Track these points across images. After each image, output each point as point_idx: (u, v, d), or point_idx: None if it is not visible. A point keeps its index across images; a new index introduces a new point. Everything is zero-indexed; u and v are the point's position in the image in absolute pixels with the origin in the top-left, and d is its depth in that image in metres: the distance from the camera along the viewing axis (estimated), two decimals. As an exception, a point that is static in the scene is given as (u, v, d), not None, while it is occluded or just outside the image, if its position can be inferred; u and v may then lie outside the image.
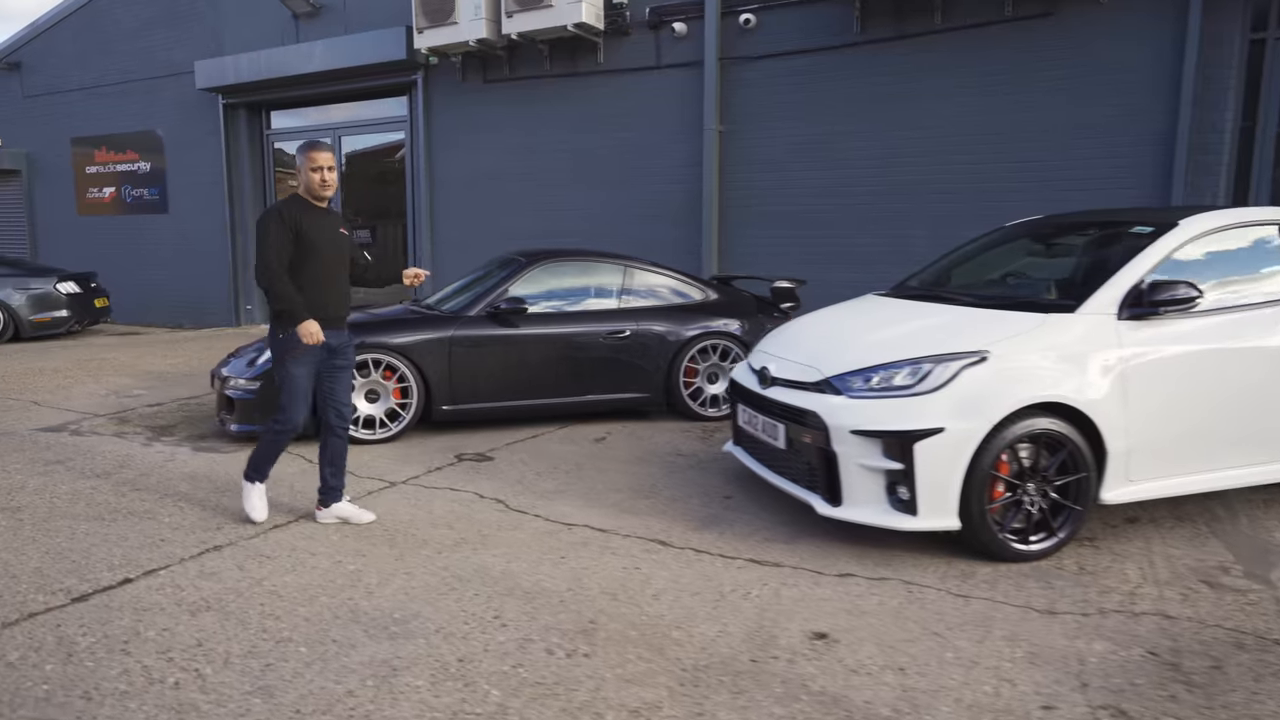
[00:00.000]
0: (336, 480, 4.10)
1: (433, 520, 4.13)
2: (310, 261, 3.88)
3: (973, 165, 7.21)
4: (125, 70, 12.94)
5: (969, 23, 7.02)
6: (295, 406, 3.93)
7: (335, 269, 3.98)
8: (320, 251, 3.90)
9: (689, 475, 4.89)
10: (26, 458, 5.27)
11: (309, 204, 3.93)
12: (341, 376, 4.09)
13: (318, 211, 3.94)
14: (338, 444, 4.09)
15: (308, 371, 3.94)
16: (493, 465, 5.14)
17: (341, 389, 4.09)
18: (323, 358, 3.98)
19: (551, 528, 4.02)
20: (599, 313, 6.16)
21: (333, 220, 4.04)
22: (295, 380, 3.91)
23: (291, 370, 3.90)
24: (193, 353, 9.81)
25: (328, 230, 3.95)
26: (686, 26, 8.30)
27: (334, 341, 3.99)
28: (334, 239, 3.97)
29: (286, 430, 3.98)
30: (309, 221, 3.87)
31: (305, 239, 3.85)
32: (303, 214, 3.87)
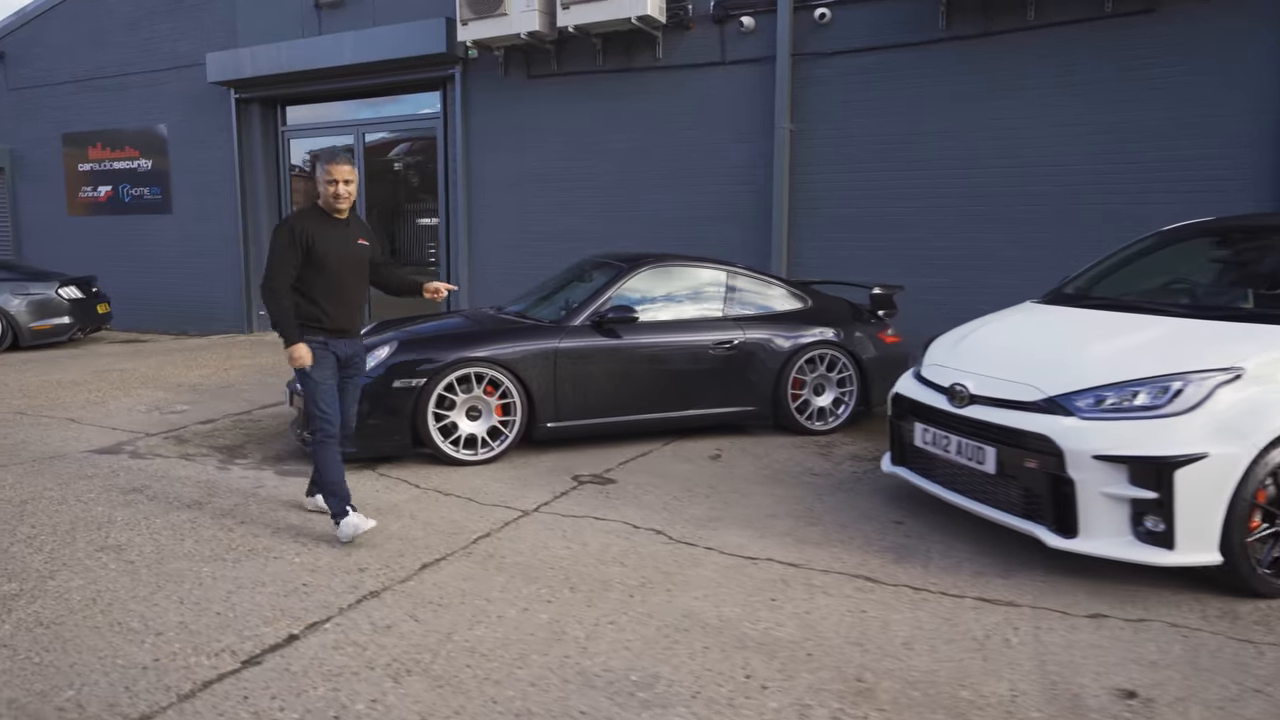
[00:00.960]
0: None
1: (597, 556, 3.74)
2: (323, 275, 3.83)
3: (1062, 168, 6.98)
4: (124, 62, 12.24)
5: (1064, 20, 6.79)
6: (328, 410, 3.89)
7: (350, 281, 3.92)
8: (333, 266, 3.83)
9: (840, 498, 4.56)
10: (98, 485, 4.76)
11: (325, 215, 3.88)
12: (349, 386, 4.06)
13: (334, 223, 3.88)
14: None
15: (331, 374, 3.92)
16: (618, 488, 4.75)
17: (347, 401, 4.07)
18: (337, 366, 3.96)
19: (734, 562, 3.66)
20: (704, 321, 5.80)
21: (352, 231, 3.94)
22: (321, 385, 3.87)
23: (314, 376, 3.86)
24: (215, 362, 9.23)
25: (345, 242, 3.88)
26: (755, 21, 7.97)
27: (345, 352, 3.96)
28: (350, 251, 3.91)
29: (331, 435, 3.92)
30: (323, 234, 3.81)
31: (317, 253, 3.79)
32: (317, 227, 3.82)
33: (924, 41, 7.37)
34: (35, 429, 6.15)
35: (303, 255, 3.78)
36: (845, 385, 6.04)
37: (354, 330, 4.01)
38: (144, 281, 12.52)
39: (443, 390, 5.04)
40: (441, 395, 5.04)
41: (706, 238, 8.36)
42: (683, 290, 5.92)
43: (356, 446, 4.99)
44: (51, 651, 2.87)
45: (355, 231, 3.98)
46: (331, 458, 3.91)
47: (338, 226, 3.89)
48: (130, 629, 3.04)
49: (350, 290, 3.94)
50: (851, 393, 6.05)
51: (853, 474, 5.03)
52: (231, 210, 11.57)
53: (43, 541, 3.89)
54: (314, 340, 3.86)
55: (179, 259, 12.24)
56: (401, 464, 5.16)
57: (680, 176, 8.59)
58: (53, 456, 5.41)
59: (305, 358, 3.79)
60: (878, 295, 6.43)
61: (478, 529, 4.08)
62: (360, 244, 3.97)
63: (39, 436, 5.92)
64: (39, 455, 5.43)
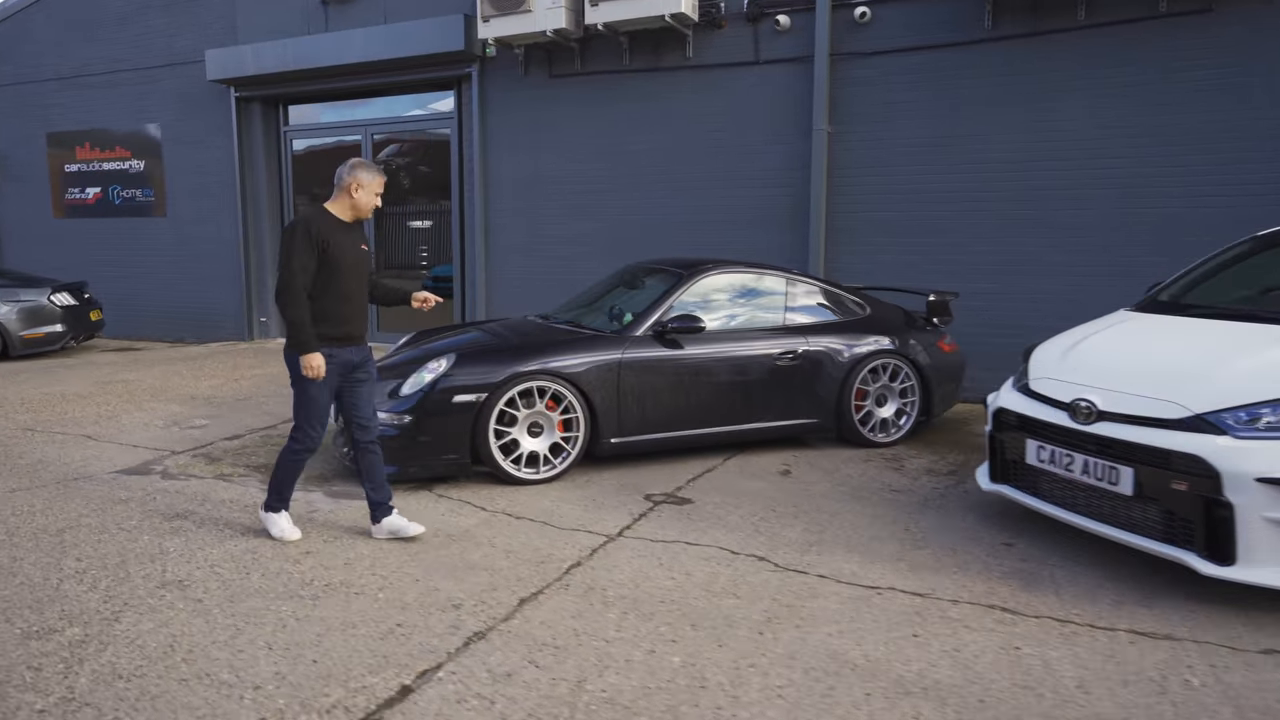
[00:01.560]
0: (379, 495, 4.00)
1: (705, 587, 3.48)
2: (335, 280, 3.77)
3: (1111, 171, 6.84)
4: (114, 59, 11.76)
5: (1116, 19, 6.65)
6: (315, 425, 3.85)
7: (358, 286, 3.89)
8: (344, 270, 3.79)
9: (934, 517, 4.34)
10: (136, 511, 4.41)
11: (337, 219, 3.83)
12: (361, 390, 3.98)
13: (346, 227, 3.85)
14: (370, 459, 3.99)
15: (327, 388, 3.83)
16: (697, 509, 4.50)
17: (363, 402, 3.99)
18: (342, 375, 3.89)
19: (855, 592, 3.42)
20: (766, 330, 5.57)
21: (357, 237, 3.92)
22: (313, 400, 3.81)
23: (309, 390, 3.78)
24: (223, 372, 8.84)
25: (354, 247, 3.85)
26: (790, 20, 7.75)
27: (354, 358, 3.90)
28: (358, 256, 3.87)
29: (307, 449, 3.89)
30: (336, 239, 3.77)
31: (331, 257, 3.74)
32: (331, 229, 3.77)
33: (969, 41, 7.19)
34: (51, 447, 5.76)
35: (318, 258, 3.71)
36: (907, 396, 5.84)
37: (362, 336, 3.95)
38: (136, 287, 12.04)
39: (504, 405, 4.75)
40: (502, 410, 4.76)
41: (737, 242, 8.13)
42: (742, 298, 5.68)
43: (416, 466, 4.70)
44: (142, 711, 2.56)
45: (360, 236, 3.95)
46: (297, 468, 3.95)
47: (347, 231, 3.85)
48: (222, 681, 2.74)
49: (359, 295, 3.91)
50: (914, 403, 5.85)
51: (935, 490, 4.82)
52: (231, 213, 11.14)
53: (95, 577, 3.56)
54: (323, 350, 3.77)
55: (174, 264, 11.78)
56: (457, 484, 4.86)
57: (709, 179, 8.35)
58: (77, 478, 5.05)
59: (321, 368, 3.71)
60: (934, 302, 6.23)
61: (566, 557, 3.81)
62: (364, 249, 3.94)
63: (57, 455, 5.54)
64: (62, 476, 5.07)
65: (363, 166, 3.83)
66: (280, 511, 4.02)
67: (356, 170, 3.81)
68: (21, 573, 3.62)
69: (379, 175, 3.86)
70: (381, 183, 3.88)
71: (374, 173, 3.85)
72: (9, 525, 4.21)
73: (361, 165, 3.84)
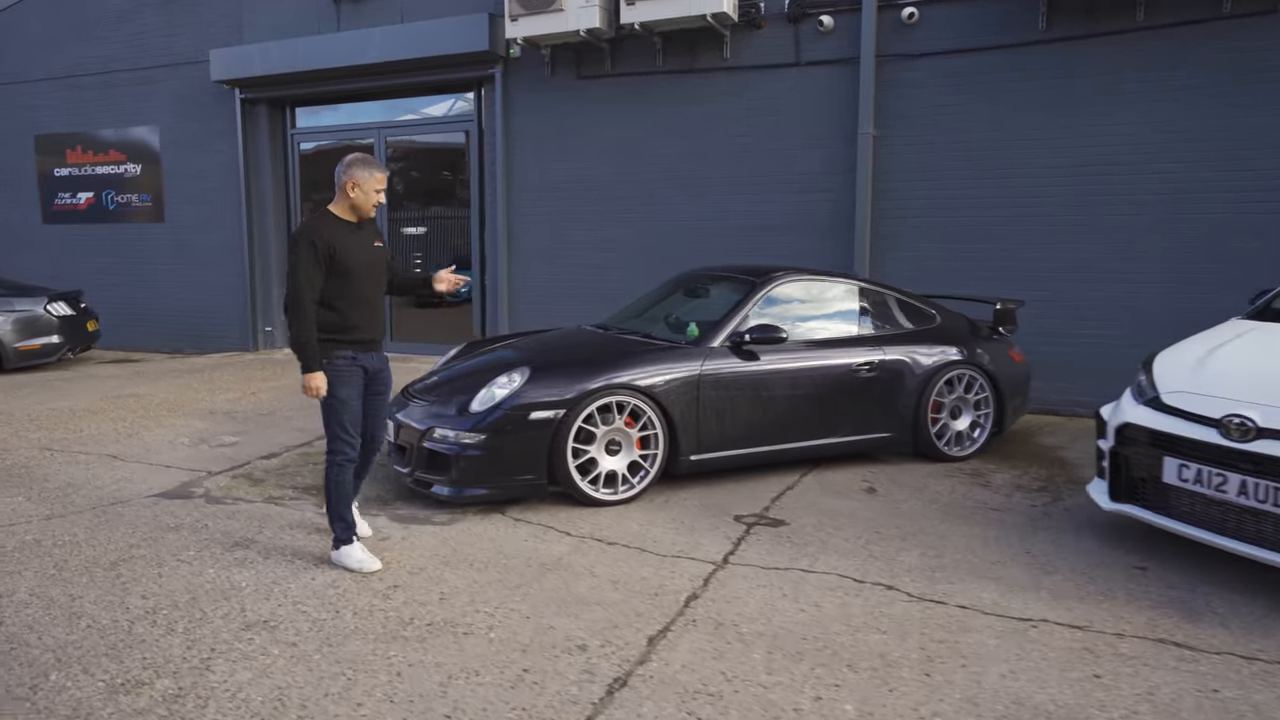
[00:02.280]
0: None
1: (843, 621, 3.22)
2: (346, 284, 3.62)
3: (1167, 176, 6.69)
4: (109, 59, 11.29)
5: (1177, 20, 6.52)
6: (349, 430, 3.68)
7: (372, 288, 3.74)
8: (355, 272, 3.64)
9: (1049, 538, 4.11)
10: (191, 539, 4.05)
11: (342, 221, 3.67)
12: (377, 404, 3.85)
13: (351, 228, 3.68)
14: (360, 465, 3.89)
15: (356, 392, 3.69)
16: (796, 531, 4.24)
17: (380, 414, 3.89)
18: (365, 382, 3.75)
19: (1008, 626, 3.17)
20: (842, 341, 5.33)
21: (368, 234, 3.75)
22: (347, 405, 3.66)
23: (340, 395, 3.63)
24: (236, 385, 8.43)
25: (363, 247, 3.69)
26: (834, 20, 7.54)
27: (372, 365, 3.77)
28: (369, 255, 3.71)
29: (348, 458, 3.70)
30: (343, 241, 3.60)
31: (340, 262, 3.58)
32: (336, 234, 3.60)
33: (1020, 43, 7.03)
34: (74, 468, 5.37)
35: (326, 266, 3.56)
36: (981, 408, 5.62)
37: (379, 342, 3.81)
38: (130, 296, 11.55)
39: (582, 422, 4.46)
40: (579, 428, 4.47)
41: (775, 248, 7.91)
42: (815, 306, 5.44)
43: (492, 488, 4.39)
44: (273, 784, 2.25)
45: (370, 234, 3.78)
46: (345, 482, 3.71)
47: (354, 231, 3.69)
48: (353, 744, 2.42)
49: (374, 297, 3.76)
50: (988, 415, 5.64)
51: (1034, 508, 4.59)
52: (234, 219, 10.72)
53: (169, 618, 3.22)
54: (342, 356, 3.65)
55: (172, 272, 11.32)
56: (530, 506, 4.56)
57: (743, 184, 8.11)
58: (114, 502, 4.68)
59: (323, 387, 3.57)
60: (1001, 310, 6.04)
61: (679, 588, 3.52)
62: (377, 246, 3.79)
63: (84, 478, 5.16)
64: (97, 501, 4.69)
65: (358, 163, 3.62)
66: (353, 542, 3.75)
67: (352, 168, 3.62)
68: (85, 613, 3.26)
69: (377, 171, 3.65)
70: (381, 179, 3.67)
71: (371, 169, 3.63)
72: (55, 558, 3.84)
73: (357, 162, 3.63)
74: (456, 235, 10.03)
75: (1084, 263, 7.06)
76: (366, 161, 3.65)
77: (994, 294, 6.62)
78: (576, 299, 8.91)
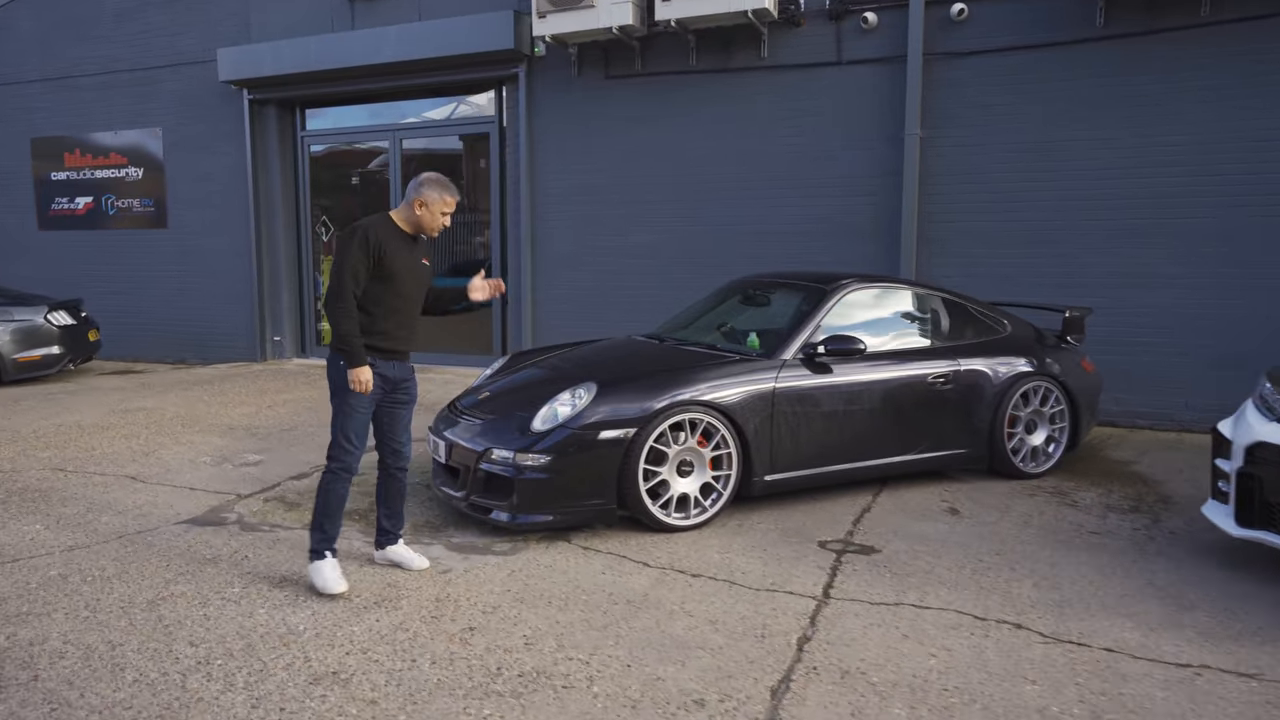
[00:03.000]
0: (391, 524, 3.79)
1: (980, 668, 2.89)
2: (389, 291, 3.55)
3: (1233, 178, 6.42)
4: (109, 59, 10.88)
5: (1243, 15, 6.26)
6: (353, 440, 3.54)
7: (412, 301, 3.67)
8: (400, 282, 3.57)
9: (1168, 566, 3.81)
10: (232, 574, 3.69)
11: (399, 230, 3.60)
12: (400, 414, 3.73)
13: (406, 238, 3.62)
14: (395, 485, 3.77)
15: (370, 402, 3.57)
16: (890, 559, 3.91)
17: (401, 426, 3.74)
18: (384, 392, 3.62)
19: (1170, 674, 2.85)
20: (916, 352, 5.02)
21: (419, 250, 3.70)
22: (355, 411, 3.53)
23: (350, 400, 3.52)
24: (249, 398, 8.04)
25: (412, 261, 3.63)
26: (877, 17, 7.26)
27: (396, 374, 3.65)
28: (417, 270, 3.65)
29: (347, 469, 3.56)
30: (394, 249, 3.54)
31: (386, 268, 3.51)
32: (390, 240, 3.54)
33: (1075, 40, 6.76)
34: (92, 490, 4.98)
35: (373, 266, 3.49)
36: (1056, 421, 5.33)
37: (407, 352, 3.71)
38: (131, 304, 11.12)
39: (654, 441, 4.13)
40: (650, 447, 4.13)
41: (814, 254, 7.61)
42: (885, 315, 5.13)
43: (558, 514, 4.05)
44: None
45: (421, 250, 3.74)
46: (340, 494, 3.56)
47: (408, 243, 3.63)
48: (469, 832, 2.07)
49: (413, 310, 3.69)
50: (1063, 429, 5.34)
51: (1137, 531, 4.29)
52: (241, 223, 10.32)
53: (225, 670, 2.86)
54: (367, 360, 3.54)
55: (176, 279, 10.90)
56: (594, 533, 4.22)
57: (780, 187, 7.81)
58: (141, 530, 4.30)
59: (369, 382, 3.48)
60: (1070, 318, 5.75)
61: (785, 627, 3.19)
62: (425, 264, 3.74)
63: (104, 502, 4.78)
64: (121, 530, 4.31)
65: (431, 184, 3.59)
66: (326, 557, 3.55)
67: (424, 187, 3.59)
68: (129, 664, 2.90)
69: (448, 195, 3.61)
70: (451, 203, 3.62)
71: (442, 192, 3.60)
72: (86, 597, 3.47)
73: (431, 183, 3.59)
74: (476, 241, 9.68)
75: (1142, 268, 6.79)
76: (441, 184, 3.60)
77: (1057, 301, 6.34)
78: (604, 307, 8.58)
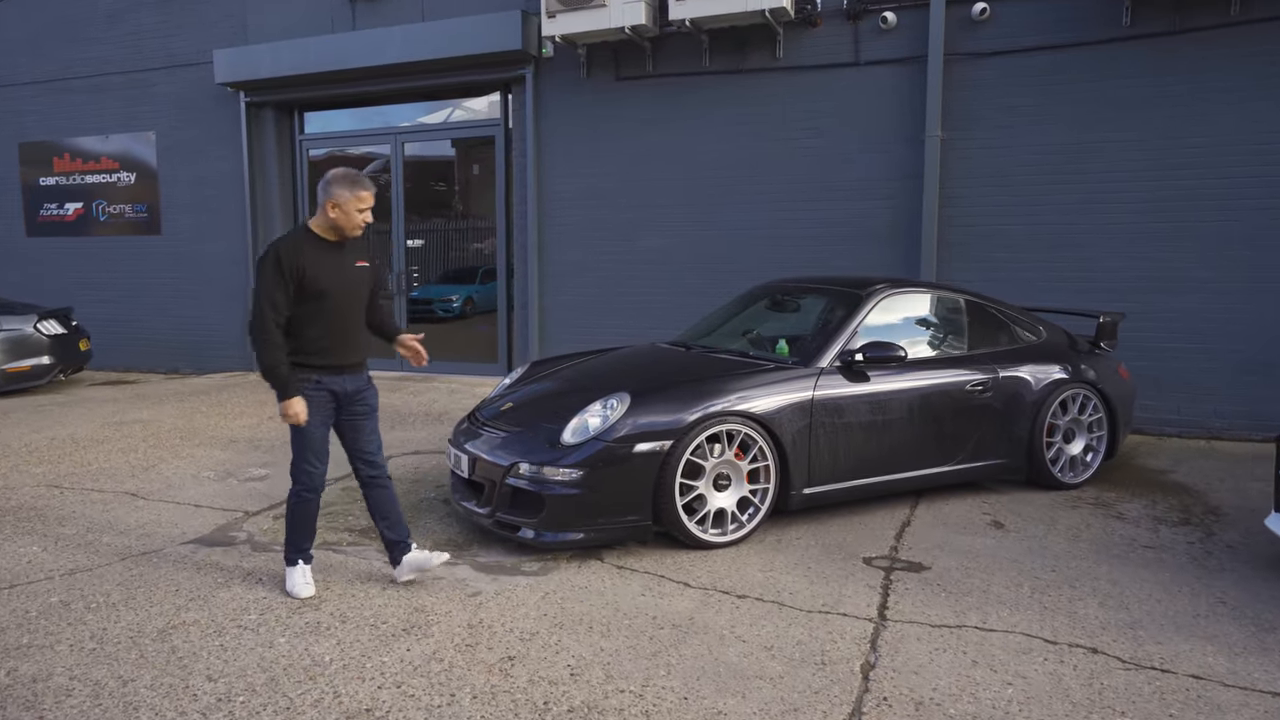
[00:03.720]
0: (395, 534, 3.61)
1: (1065, 698, 2.70)
2: (321, 308, 3.37)
3: (1264, 180, 6.28)
4: (101, 61, 10.62)
5: (1274, 15, 6.14)
6: (312, 461, 3.45)
7: (349, 311, 3.47)
8: (331, 297, 3.38)
9: (1234, 583, 3.63)
10: (247, 600, 3.45)
11: (319, 240, 3.42)
12: (363, 425, 3.57)
13: (329, 247, 3.43)
14: (380, 494, 3.62)
15: (323, 418, 3.46)
16: (941, 577, 3.72)
17: (365, 438, 3.58)
18: (334, 408, 3.48)
19: (1267, 704, 2.67)
20: (954, 359, 4.85)
21: (349, 255, 3.50)
22: (310, 435, 3.42)
23: (305, 428, 3.39)
24: (249, 409, 7.79)
25: (341, 268, 3.44)
26: (896, 17, 7.11)
27: (348, 388, 3.49)
28: (348, 276, 3.46)
29: (310, 488, 3.48)
30: (316, 261, 3.35)
31: (311, 284, 3.33)
32: (308, 254, 3.35)
33: (1101, 40, 6.63)
34: (90, 509, 4.73)
35: (294, 287, 3.32)
36: (1093, 430, 5.16)
37: (358, 365, 3.55)
38: (123, 312, 10.82)
39: (691, 454, 3.93)
40: (688, 460, 3.93)
41: (834, 258, 7.44)
42: (920, 321, 4.96)
43: (592, 532, 3.84)
44: None
45: (352, 254, 3.52)
46: (308, 516, 3.51)
47: (332, 251, 3.43)
48: None
49: (348, 320, 3.48)
50: (1101, 438, 5.17)
51: (1192, 545, 4.11)
52: (238, 229, 10.07)
53: (251, 709, 2.63)
54: (306, 381, 3.39)
55: (169, 286, 10.62)
56: (628, 550, 4.01)
57: (802, 190, 7.64)
58: (145, 552, 4.06)
59: (302, 414, 3.33)
60: (1105, 324, 5.58)
61: (846, 654, 2.99)
62: (359, 267, 3.53)
63: (104, 521, 4.53)
64: (124, 551, 4.07)
65: (339, 182, 3.36)
66: (297, 564, 3.56)
67: (332, 187, 3.36)
68: (143, 703, 2.67)
69: (360, 190, 3.37)
70: (365, 197, 3.39)
71: (353, 188, 3.36)
72: (92, 627, 3.23)
73: (338, 180, 3.36)
74: (474, 248, 9.47)
75: (1170, 273, 6.64)
76: (350, 179, 3.38)
77: (1085, 306, 6.18)
78: (612, 314, 8.39)
